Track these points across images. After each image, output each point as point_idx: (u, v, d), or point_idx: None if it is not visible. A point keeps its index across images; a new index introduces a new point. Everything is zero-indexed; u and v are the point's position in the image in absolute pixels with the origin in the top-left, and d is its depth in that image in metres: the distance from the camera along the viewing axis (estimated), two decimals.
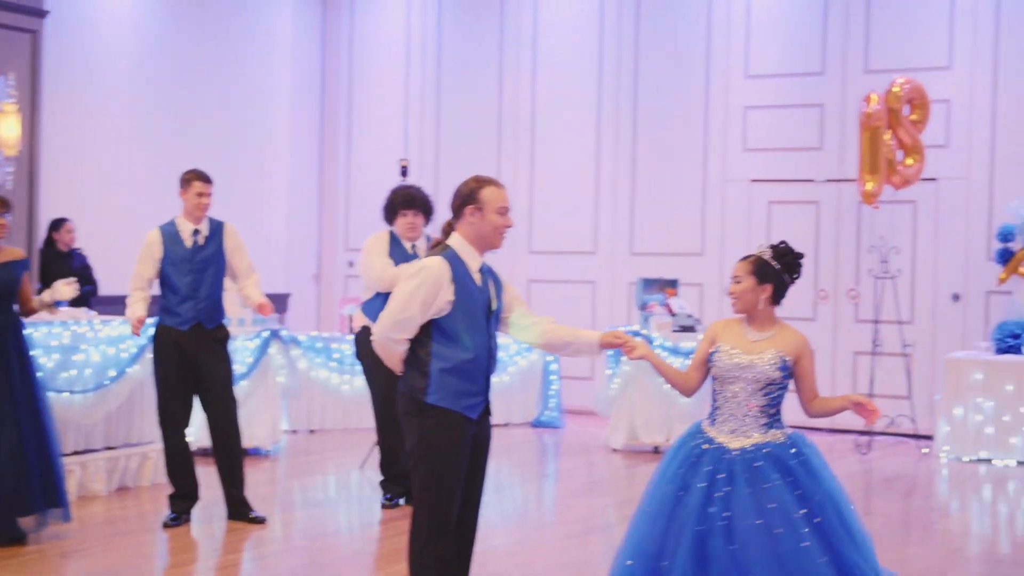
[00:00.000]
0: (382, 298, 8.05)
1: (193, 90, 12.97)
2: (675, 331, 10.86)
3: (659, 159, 13.00)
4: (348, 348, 11.47)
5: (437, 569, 4.97)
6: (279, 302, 13.54)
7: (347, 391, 11.53)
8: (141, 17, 12.50)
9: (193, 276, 7.47)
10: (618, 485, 9.70)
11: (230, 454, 7.61)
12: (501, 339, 10.75)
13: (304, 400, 11.33)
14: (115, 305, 10.02)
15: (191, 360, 7.49)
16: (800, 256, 5.20)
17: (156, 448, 8.81)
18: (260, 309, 7.59)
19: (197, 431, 7.87)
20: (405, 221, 8.15)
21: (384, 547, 7.30)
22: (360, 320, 8.28)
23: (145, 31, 12.55)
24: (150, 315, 7.65)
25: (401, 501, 8.23)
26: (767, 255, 5.14)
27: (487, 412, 5.07)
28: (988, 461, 10.46)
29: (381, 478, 8.35)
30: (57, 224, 11.15)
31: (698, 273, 12.64)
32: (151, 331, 7.76)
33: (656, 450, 10.64)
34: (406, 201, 8.18)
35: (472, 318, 4.93)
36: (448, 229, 5.10)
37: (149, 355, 8.75)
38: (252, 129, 13.66)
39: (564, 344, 5.18)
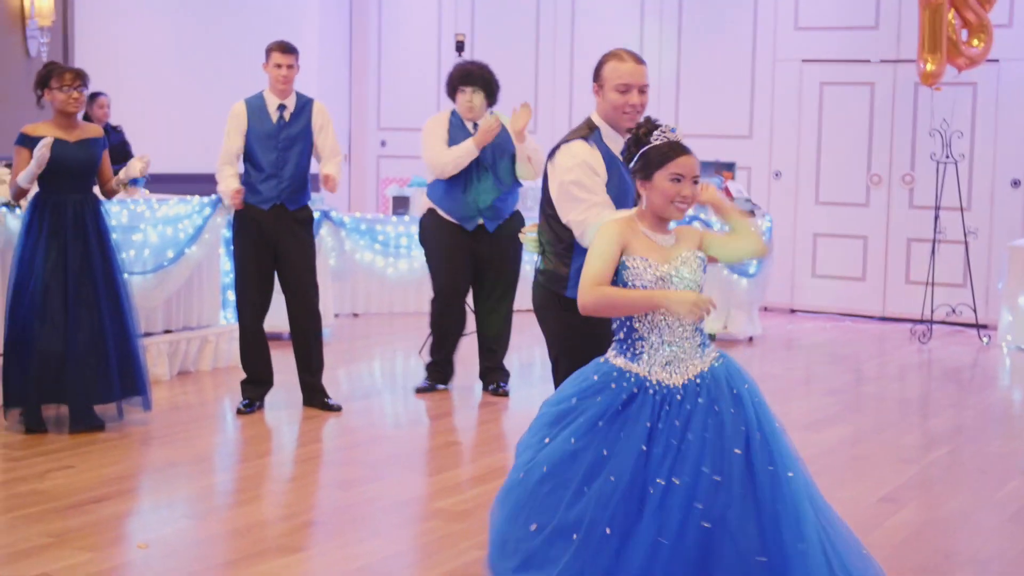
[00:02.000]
0: (445, 181, 7.73)
1: None
2: None
3: (706, 38, 12.57)
4: (392, 230, 11.16)
5: None
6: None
7: (392, 274, 11.23)
8: None
9: (278, 153, 7.13)
10: None
11: (308, 340, 7.32)
12: None
13: (348, 283, 11.04)
14: (156, 184, 9.67)
15: (271, 241, 7.17)
16: None
17: (215, 331, 8.56)
18: (324, 181, 7.21)
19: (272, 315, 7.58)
20: (463, 99, 7.77)
21: (476, 437, 7.05)
22: (425, 203, 7.95)
23: None
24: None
25: (440, 386, 8.03)
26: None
27: None
28: None
29: (428, 360, 8.10)
30: (91, 98, 10.72)
31: (746, 156, 12.30)
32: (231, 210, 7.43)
33: (712, 337, 10.38)
34: (462, 77, 7.79)
35: (623, 205, 4.60)
36: None
37: (207, 235, 8.48)
38: (283, 5, 13.15)
39: None
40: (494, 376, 8.00)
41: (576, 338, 4.59)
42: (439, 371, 8.05)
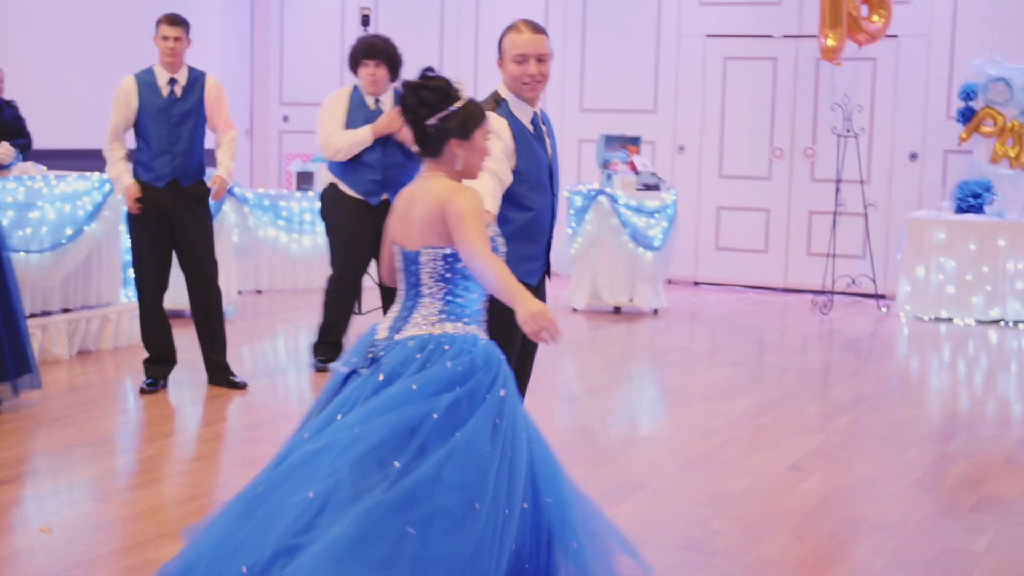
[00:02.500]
0: (360, 156, 7.59)
1: None
2: (639, 190, 10.60)
3: (611, 13, 12.58)
4: (296, 206, 11.04)
5: None
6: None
7: (296, 250, 11.12)
8: None
9: (169, 129, 6.98)
10: (580, 347, 9.46)
11: (209, 317, 7.20)
12: None
13: (252, 260, 10.89)
14: (50, 159, 9.44)
15: (168, 219, 7.03)
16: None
17: (116, 310, 8.40)
18: (214, 181, 7.10)
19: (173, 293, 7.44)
20: (366, 72, 7.63)
21: None
22: (327, 177, 7.82)
23: None
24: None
25: (332, 366, 7.84)
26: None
27: (546, 276, 4.75)
28: (948, 320, 10.47)
29: (315, 340, 7.94)
30: None
31: (651, 131, 12.34)
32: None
33: (617, 310, 10.45)
34: (366, 51, 7.67)
35: (536, 178, 4.57)
36: None
37: (107, 212, 8.32)
38: None
39: None
40: None
41: (495, 312, 4.54)
42: (331, 351, 7.86)
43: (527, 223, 4.58)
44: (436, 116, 3.70)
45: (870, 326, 10.34)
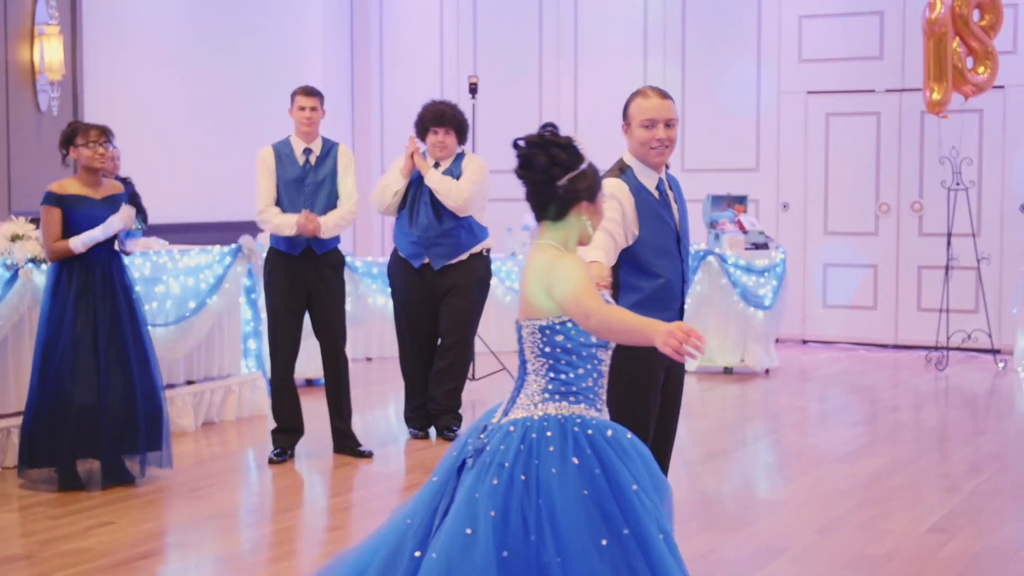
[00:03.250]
0: (403, 218, 7.63)
1: (231, 12, 12.47)
2: (748, 249, 10.56)
3: (710, 73, 12.61)
4: None
5: None
6: None
7: None
8: None
9: (305, 198, 7.10)
10: (693, 409, 9.39)
11: (338, 385, 7.27)
12: None
13: (362, 327, 10.99)
14: (164, 234, 9.63)
15: (303, 286, 7.13)
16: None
17: (238, 381, 8.51)
18: (305, 221, 7.03)
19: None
20: (435, 140, 7.69)
21: None
22: None
23: None
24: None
25: (431, 431, 7.88)
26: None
27: None
28: None
29: (406, 413, 7.93)
30: None
31: (754, 189, 12.30)
32: (261, 256, 7.40)
33: (728, 371, 10.37)
34: (436, 118, 7.73)
35: (662, 244, 4.57)
36: None
37: (228, 285, 8.45)
38: (285, 53, 13.17)
39: None
40: (445, 420, 7.82)
41: (618, 381, 4.54)
42: (422, 418, 7.87)
43: (657, 290, 4.57)
44: (567, 177, 3.42)
45: (988, 382, 10.16)
